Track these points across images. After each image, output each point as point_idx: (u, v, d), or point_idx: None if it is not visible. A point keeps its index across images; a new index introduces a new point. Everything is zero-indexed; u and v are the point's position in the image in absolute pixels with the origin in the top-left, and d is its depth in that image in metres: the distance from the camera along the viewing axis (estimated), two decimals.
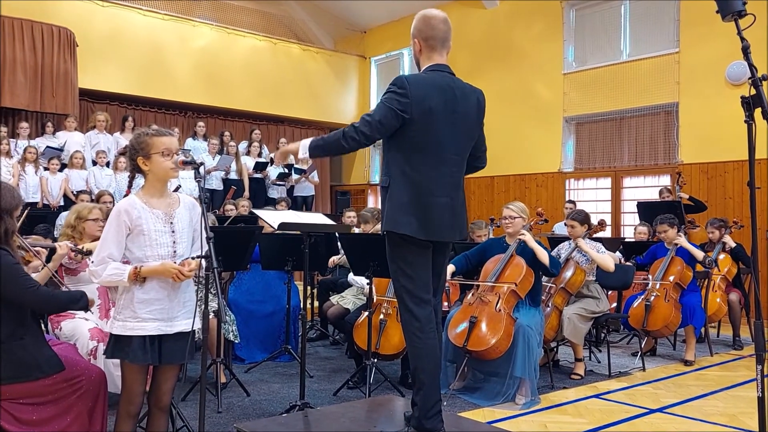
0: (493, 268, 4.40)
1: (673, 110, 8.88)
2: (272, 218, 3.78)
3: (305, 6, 12.90)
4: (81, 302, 2.70)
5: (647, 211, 7.41)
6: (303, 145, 2.84)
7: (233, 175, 9.76)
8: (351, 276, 5.41)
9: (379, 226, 4.28)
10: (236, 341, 4.69)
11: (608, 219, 9.29)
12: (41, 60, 9.05)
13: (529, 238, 4.37)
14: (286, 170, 10.28)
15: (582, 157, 10.00)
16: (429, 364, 2.84)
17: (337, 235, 5.66)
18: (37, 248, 3.09)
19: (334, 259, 5.77)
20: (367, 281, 4.40)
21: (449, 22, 2.89)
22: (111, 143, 9.22)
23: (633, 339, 6.11)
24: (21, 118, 9.07)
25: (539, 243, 4.44)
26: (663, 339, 6.14)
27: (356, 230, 6.14)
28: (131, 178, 2.70)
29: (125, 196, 2.70)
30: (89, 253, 3.17)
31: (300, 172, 10.32)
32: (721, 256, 6.28)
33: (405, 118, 2.71)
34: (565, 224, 5.20)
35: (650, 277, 5.65)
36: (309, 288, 5.65)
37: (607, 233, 8.74)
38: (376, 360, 4.34)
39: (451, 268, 4.43)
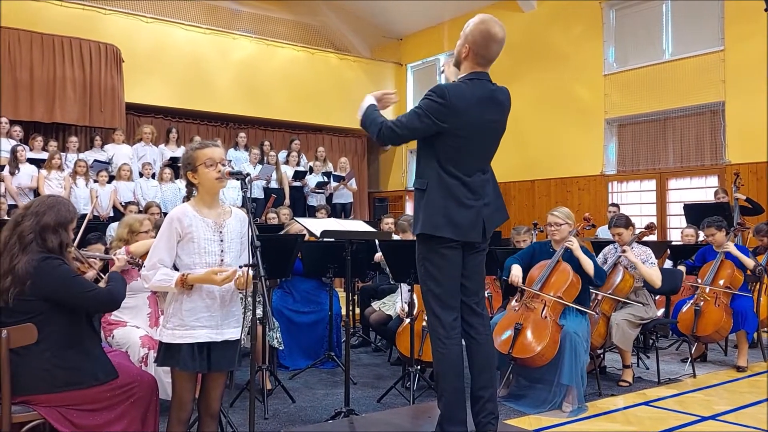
0: (539, 274, 4.31)
1: (719, 109, 8.65)
2: (315, 226, 3.82)
3: (342, 15, 13.04)
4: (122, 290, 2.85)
5: (694, 213, 7.23)
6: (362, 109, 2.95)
7: (273, 184, 9.92)
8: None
9: None
10: (280, 348, 4.75)
11: (654, 222, 9.08)
12: (89, 76, 9.43)
13: (576, 246, 4.24)
14: (325, 178, 10.39)
15: (625, 159, 9.82)
16: (451, 372, 2.88)
17: (377, 242, 5.67)
18: (91, 259, 3.19)
19: (377, 256, 5.70)
20: (408, 288, 4.39)
21: (504, 41, 2.85)
22: (157, 155, 9.49)
23: (682, 345, 5.96)
24: (70, 132, 9.43)
25: (585, 250, 4.35)
26: (714, 344, 5.97)
27: (396, 237, 6.12)
28: (188, 192, 2.76)
29: None
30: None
31: (338, 179, 10.40)
32: None
33: (442, 126, 2.76)
34: (611, 232, 5.05)
35: (699, 281, 5.49)
36: (350, 295, 5.66)
37: (652, 237, 8.55)
38: (419, 367, 4.33)
39: (518, 269, 4.31)
